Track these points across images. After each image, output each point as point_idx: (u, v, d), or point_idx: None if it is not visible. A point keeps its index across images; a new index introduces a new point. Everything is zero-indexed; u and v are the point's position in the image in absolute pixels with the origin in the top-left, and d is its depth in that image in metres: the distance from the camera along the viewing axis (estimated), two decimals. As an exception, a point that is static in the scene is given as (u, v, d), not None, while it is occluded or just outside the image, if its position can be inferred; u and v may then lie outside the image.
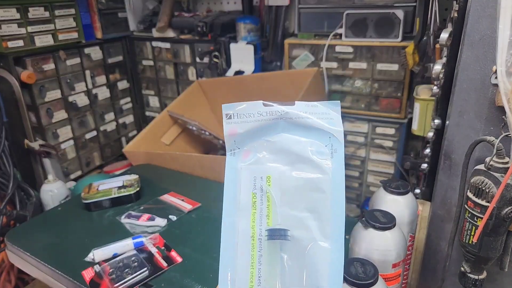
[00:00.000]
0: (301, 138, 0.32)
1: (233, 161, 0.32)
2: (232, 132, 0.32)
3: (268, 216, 0.31)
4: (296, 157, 0.32)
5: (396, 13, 1.15)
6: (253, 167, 0.32)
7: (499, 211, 0.44)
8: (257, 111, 0.32)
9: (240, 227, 0.31)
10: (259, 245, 0.30)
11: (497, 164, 0.45)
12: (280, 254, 0.30)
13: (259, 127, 0.32)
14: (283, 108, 0.32)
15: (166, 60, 1.60)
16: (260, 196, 0.31)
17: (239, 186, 0.32)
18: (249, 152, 0.33)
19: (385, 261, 0.51)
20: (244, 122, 0.32)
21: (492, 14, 0.46)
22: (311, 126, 0.32)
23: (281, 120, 0.32)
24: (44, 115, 1.34)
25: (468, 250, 0.49)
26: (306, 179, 0.31)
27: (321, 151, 0.32)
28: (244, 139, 0.33)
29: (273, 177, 0.32)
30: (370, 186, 1.41)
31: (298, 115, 0.32)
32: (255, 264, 0.30)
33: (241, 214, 0.31)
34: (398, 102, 1.24)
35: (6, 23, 1.18)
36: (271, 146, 0.33)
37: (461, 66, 0.51)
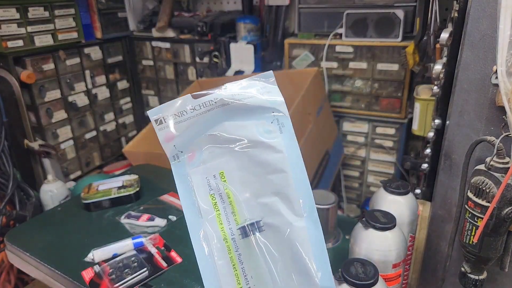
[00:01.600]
0: (244, 122, 0.29)
1: (179, 168, 0.29)
2: (168, 138, 0.29)
3: (234, 213, 0.29)
4: (245, 143, 0.29)
5: (396, 13, 1.15)
6: (202, 167, 0.29)
7: (499, 211, 0.44)
8: (189, 107, 0.29)
9: (209, 234, 0.28)
10: (235, 245, 0.28)
11: (497, 164, 0.45)
12: (260, 246, 0.28)
13: (196, 123, 0.29)
14: (215, 96, 0.29)
15: (166, 60, 1.60)
16: (219, 196, 0.29)
17: (193, 193, 0.29)
18: (194, 152, 0.30)
19: (385, 262, 0.51)
20: (178, 122, 0.29)
21: (493, 14, 0.46)
22: (250, 106, 0.29)
23: (217, 109, 0.29)
24: (43, 115, 1.34)
25: (469, 250, 0.49)
26: (262, 163, 0.29)
27: (268, 129, 0.29)
28: (184, 141, 0.29)
29: (227, 171, 0.29)
30: (370, 186, 1.40)
31: (234, 98, 0.29)
32: (237, 265, 0.28)
33: (206, 221, 0.28)
34: (398, 102, 1.24)
35: (6, 23, 1.18)
36: (215, 139, 0.30)
37: (462, 66, 0.51)
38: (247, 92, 0.30)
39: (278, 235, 0.28)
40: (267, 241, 0.28)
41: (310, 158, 1.07)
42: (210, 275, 0.27)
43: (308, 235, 0.28)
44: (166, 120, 0.29)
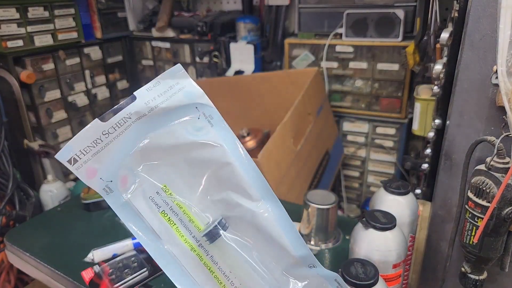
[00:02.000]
0: (169, 127, 0.26)
1: (115, 199, 0.26)
2: (90, 174, 0.26)
3: (192, 220, 0.27)
4: (178, 148, 0.27)
5: (396, 13, 1.15)
6: (141, 189, 0.27)
7: (499, 211, 0.44)
8: (101, 133, 0.25)
9: (174, 251, 0.26)
10: (204, 251, 0.27)
11: (497, 164, 0.44)
12: (230, 243, 0.27)
13: (116, 147, 0.26)
14: (127, 110, 0.26)
15: (166, 59, 1.60)
16: (171, 210, 0.27)
17: (142, 218, 0.26)
18: (125, 176, 0.27)
19: (385, 262, 0.51)
20: (95, 154, 0.25)
21: (493, 13, 0.45)
22: (169, 109, 0.26)
23: (135, 124, 0.26)
24: (43, 115, 1.34)
25: (469, 251, 0.49)
26: (203, 163, 0.27)
27: (198, 126, 0.27)
28: (110, 169, 0.26)
29: (169, 183, 0.27)
30: (370, 186, 1.40)
31: (148, 106, 0.26)
32: (214, 269, 0.27)
33: (166, 240, 0.26)
34: (398, 102, 1.24)
35: (5, 23, 1.18)
36: (144, 155, 0.27)
37: (462, 66, 0.51)
38: (161, 94, 0.27)
39: (244, 225, 0.27)
40: (235, 235, 0.27)
41: (310, 158, 1.07)
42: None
43: (272, 215, 0.27)
44: (81, 157, 0.26)
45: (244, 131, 1.14)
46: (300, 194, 1.00)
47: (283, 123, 0.93)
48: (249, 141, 1.13)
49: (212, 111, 0.28)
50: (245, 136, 1.13)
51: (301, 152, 1.01)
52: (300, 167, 1.00)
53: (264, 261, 0.28)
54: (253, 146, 1.11)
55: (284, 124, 0.93)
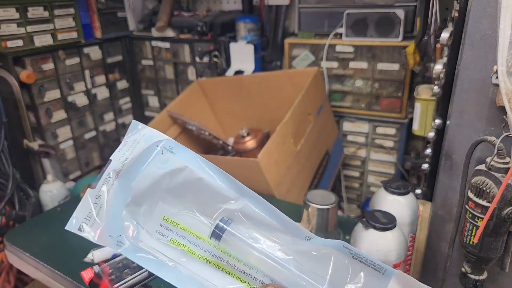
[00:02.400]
0: (143, 171, 0.32)
1: (131, 251, 0.30)
2: (100, 235, 0.30)
3: (199, 237, 0.31)
4: (157, 184, 0.32)
5: (396, 13, 1.15)
6: (145, 231, 0.31)
7: (500, 211, 0.44)
8: (95, 197, 0.31)
9: (193, 269, 0.30)
10: (218, 258, 0.30)
11: (498, 164, 0.44)
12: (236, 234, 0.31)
13: (109, 205, 0.31)
14: (107, 172, 0.32)
15: (166, 59, 1.60)
16: (177, 235, 0.31)
17: (158, 253, 0.31)
18: (129, 226, 0.31)
19: (385, 262, 0.50)
20: (96, 216, 0.31)
21: (493, 13, 0.45)
22: (137, 157, 0.32)
23: (117, 180, 0.32)
24: (43, 115, 1.34)
25: (469, 251, 0.49)
26: (181, 187, 0.31)
27: (163, 159, 0.32)
28: (114, 226, 0.31)
29: (166, 214, 0.31)
30: (370, 186, 1.40)
31: (122, 163, 0.32)
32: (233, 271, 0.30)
33: (183, 262, 0.30)
34: (398, 102, 1.24)
35: (5, 22, 1.18)
36: (135, 203, 0.31)
37: (462, 66, 0.50)
38: (128, 150, 0.33)
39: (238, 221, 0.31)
40: (237, 228, 0.31)
41: (310, 158, 1.07)
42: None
43: (255, 207, 0.31)
44: (87, 223, 0.31)
45: (244, 131, 1.14)
46: (300, 194, 0.99)
47: (283, 123, 0.93)
48: (249, 141, 1.12)
49: (169, 142, 0.33)
50: (245, 136, 1.13)
51: (301, 152, 1.01)
52: (300, 167, 1.00)
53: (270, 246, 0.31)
54: (253, 146, 1.11)
55: (284, 124, 0.93)
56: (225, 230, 0.30)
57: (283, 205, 0.86)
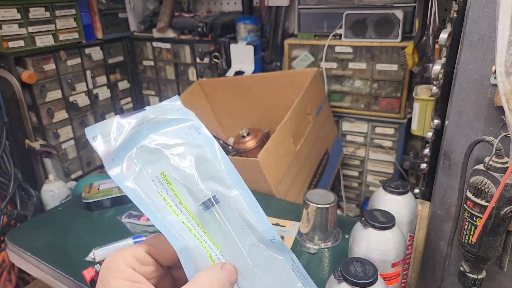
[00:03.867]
0: (166, 130, 0.36)
1: (120, 178, 0.33)
2: (108, 151, 0.33)
3: (181, 202, 0.34)
4: (172, 146, 0.35)
5: (395, 14, 1.15)
6: (143, 173, 0.34)
7: (498, 210, 0.44)
8: (120, 124, 0.34)
9: (170, 221, 0.33)
10: (191, 225, 0.33)
11: (496, 164, 0.45)
12: (221, 215, 0.34)
13: (127, 138, 0.34)
14: (140, 114, 0.35)
15: (167, 60, 1.61)
16: (166, 192, 0.34)
17: (144, 193, 0.33)
18: (130, 163, 0.34)
19: (384, 261, 0.51)
20: (112, 139, 0.33)
21: (491, 14, 0.46)
22: (169, 119, 0.36)
23: (143, 125, 0.35)
24: (44, 115, 1.34)
25: (468, 250, 0.49)
26: (192, 158, 0.35)
27: (188, 132, 0.36)
28: (120, 154, 0.34)
29: (166, 171, 0.34)
30: (369, 185, 1.41)
31: (154, 116, 0.36)
32: (200, 239, 0.33)
33: (163, 212, 0.33)
34: (397, 102, 1.24)
35: (6, 23, 1.18)
36: (146, 150, 0.35)
37: (461, 66, 0.51)
38: (162, 111, 0.37)
39: (225, 209, 0.35)
40: (222, 211, 0.34)
41: (310, 157, 1.08)
42: (187, 259, 0.32)
43: (243, 199, 0.34)
44: (103, 137, 0.33)
45: (244, 131, 1.14)
46: (300, 194, 1.00)
47: (283, 123, 0.93)
48: (249, 141, 1.13)
49: (200, 125, 0.37)
50: (245, 136, 1.14)
51: (301, 152, 1.01)
52: (299, 167, 1.01)
53: (242, 235, 0.35)
54: (253, 146, 1.12)
55: (284, 124, 0.93)
56: (218, 203, 0.34)
57: (283, 204, 0.86)
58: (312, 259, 0.65)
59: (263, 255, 0.34)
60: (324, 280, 0.57)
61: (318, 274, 0.61)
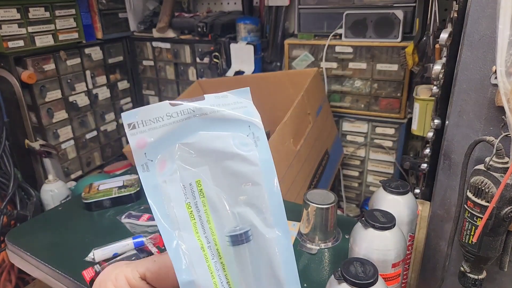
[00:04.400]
0: (220, 133, 0.29)
1: (149, 177, 0.28)
2: (141, 144, 0.28)
3: (209, 221, 0.29)
4: (221, 154, 0.29)
5: (395, 14, 1.15)
6: (177, 176, 0.28)
7: (498, 211, 0.44)
8: (166, 113, 0.28)
9: (186, 244, 0.28)
10: (211, 254, 0.28)
11: (496, 164, 0.45)
12: (247, 254, 0.28)
13: (171, 130, 0.28)
14: (194, 105, 0.29)
15: (167, 60, 1.61)
16: (195, 204, 0.28)
17: (168, 202, 0.28)
18: (165, 162, 0.28)
19: (384, 261, 0.51)
20: (152, 128, 0.28)
21: (492, 14, 0.46)
22: (227, 118, 0.29)
23: (194, 118, 0.29)
24: (44, 115, 1.34)
25: (468, 250, 0.49)
26: (237, 174, 0.29)
27: (244, 142, 0.29)
28: (157, 149, 0.28)
29: (203, 180, 0.29)
30: (369, 186, 1.41)
31: (212, 110, 0.29)
32: (214, 274, 0.28)
33: (182, 231, 0.28)
34: (397, 102, 1.24)
35: (6, 23, 1.18)
36: (189, 149, 0.29)
37: (461, 66, 0.51)
38: (225, 104, 0.30)
39: (253, 247, 0.28)
40: (245, 250, 0.28)
41: (310, 158, 1.08)
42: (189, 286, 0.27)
43: (279, 245, 0.28)
44: (140, 126, 0.28)
45: (244, 131, 1.14)
46: (300, 194, 1.00)
47: (283, 123, 0.93)
48: (249, 141, 1.13)
49: (261, 134, 0.30)
50: (245, 136, 1.14)
51: (301, 152, 1.01)
52: (299, 167, 1.01)
53: (260, 285, 0.29)
54: (253, 146, 1.12)
55: (284, 124, 0.93)
56: (248, 241, 0.28)
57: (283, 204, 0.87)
58: (312, 260, 0.65)
59: None
60: (325, 280, 0.57)
61: (318, 275, 0.61)
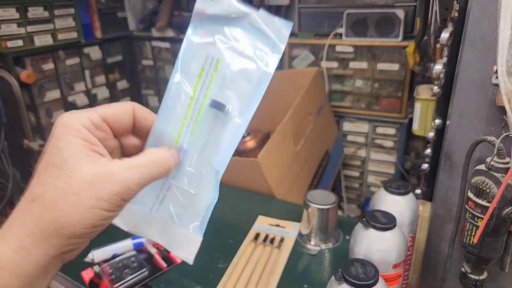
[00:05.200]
0: (251, 36, 0.38)
1: (193, 34, 0.37)
2: (201, 10, 0.36)
3: (208, 87, 0.36)
4: (243, 49, 0.37)
5: (396, 13, 1.15)
6: (209, 45, 0.37)
7: (499, 211, 0.44)
8: (228, 2, 0.36)
9: (184, 88, 0.36)
10: (194, 106, 0.36)
11: (497, 164, 0.45)
12: (212, 120, 0.36)
13: (224, 15, 0.36)
14: (250, 10, 0.37)
15: (166, 59, 1.60)
16: (207, 71, 0.36)
17: (192, 57, 0.36)
18: (208, 33, 0.37)
19: (385, 262, 0.51)
20: (214, 6, 0.36)
21: (493, 14, 0.46)
22: (264, 32, 0.38)
23: (244, 18, 0.37)
24: (43, 115, 1.34)
25: (469, 251, 0.49)
26: (244, 69, 0.37)
27: (264, 50, 0.38)
28: (209, 21, 0.37)
29: (221, 61, 0.37)
30: (370, 186, 1.41)
31: (258, 22, 0.37)
32: (187, 117, 0.35)
33: (187, 78, 0.36)
34: (398, 102, 1.24)
35: (5, 22, 1.18)
36: (227, 35, 0.37)
37: (462, 66, 0.51)
38: (268, 24, 0.38)
39: (219, 121, 0.36)
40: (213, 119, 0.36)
41: (310, 158, 1.07)
42: (166, 112, 0.34)
43: (236, 130, 0.36)
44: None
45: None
46: (300, 194, 1.00)
47: (283, 123, 0.93)
48: (249, 141, 1.13)
49: (278, 54, 0.38)
50: (245, 136, 1.13)
51: (301, 152, 1.01)
52: (300, 167, 1.00)
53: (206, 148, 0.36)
54: (253, 146, 1.11)
55: (284, 124, 0.93)
56: (223, 112, 0.36)
57: (283, 205, 0.86)
58: (313, 260, 0.65)
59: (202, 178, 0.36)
60: (325, 281, 0.56)
61: (318, 275, 0.61)
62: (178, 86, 0.35)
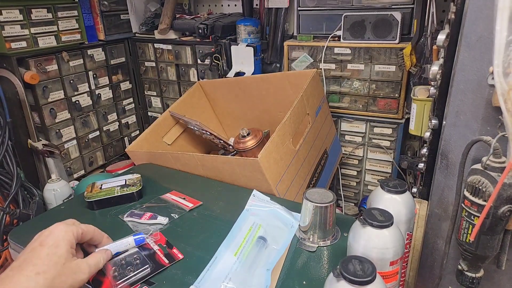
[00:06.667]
0: (279, 218, 0.71)
1: (246, 210, 0.73)
2: (253, 201, 0.73)
3: (255, 234, 0.67)
4: (277, 223, 0.69)
5: (393, 15, 1.16)
6: (257, 218, 0.70)
7: (495, 210, 0.45)
8: (266, 199, 0.75)
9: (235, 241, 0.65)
10: (243, 248, 0.64)
11: (493, 164, 0.45)
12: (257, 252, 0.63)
13: (263, 205, 0.75)
14: (277, 205, 0.73)
15: (168, 61, 1.62)
16: (251, 235, 0.65)
17: (240, 227, 0.68)
18: (254, 214, 0.72)
19: (383, 259, 0.51)
20: (258, 200, 0.74)
21: (489, 15, 0.46)
22: (284, 217, 0.72)
23: (273, 208, 0.74)
24: (47, 115, 1.35)
25: (465, 249, 0.50)
26: (274, 236, 0.67)
27: (286, 223, 0.70)
28: (255, 206, 0.75)
29: (262, 226, 0.68)
30: (368, 185, 1.41)
31: (280, 213, 0.73)
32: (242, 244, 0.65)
33: (239, 234, 0.66)
34: (395, 103, 1.25)
35: (9, 24, 1.20)
36: (264, 214, 0.72)
37: (458, 67, 0.52)
38: (286, 211, 0.74)
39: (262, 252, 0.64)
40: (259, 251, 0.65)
41: (309, 157, 1.08)
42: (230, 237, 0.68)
43: (274, 255, 0.63)
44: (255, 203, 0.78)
45: (244, 131, 1.15)
46: (299, 193, 1.01)
47: (283, 123, 0.94)
48: (249, 141, 1.14)
49: (293, 228, 0.72)
50: (245, 136, 1.14)
51: (300, 152, 1.02)
52: (299, 166, 1.01)
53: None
54: (253, 145, 1.12)
55: (284, 124, 0.94)
56: (266, 244, 0.65)
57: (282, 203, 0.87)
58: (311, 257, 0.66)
59: None
60: (323, 278, 0.57)
61: (317, 272, 0.62)
62: (230, 241, 0.64)
